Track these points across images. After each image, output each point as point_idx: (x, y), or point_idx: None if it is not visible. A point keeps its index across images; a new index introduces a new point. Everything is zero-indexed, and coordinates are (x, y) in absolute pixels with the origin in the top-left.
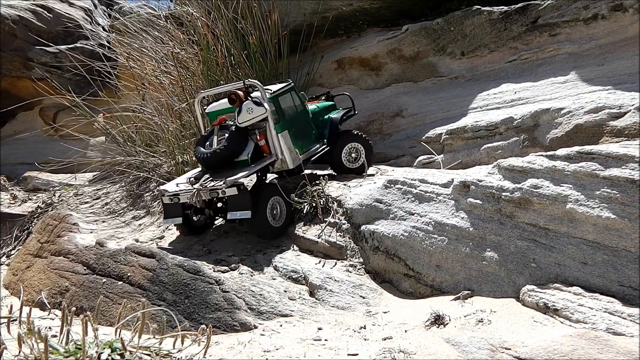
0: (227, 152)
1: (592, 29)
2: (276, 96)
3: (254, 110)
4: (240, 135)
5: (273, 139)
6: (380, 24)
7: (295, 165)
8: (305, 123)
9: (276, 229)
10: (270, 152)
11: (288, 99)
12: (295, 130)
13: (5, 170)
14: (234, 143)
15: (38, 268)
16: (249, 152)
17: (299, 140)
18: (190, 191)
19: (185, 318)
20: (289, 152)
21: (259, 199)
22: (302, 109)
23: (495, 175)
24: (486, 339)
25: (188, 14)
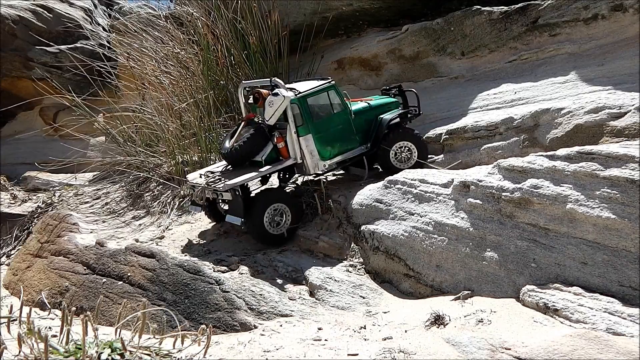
0: (243, 151)
1: (592, 29)
2: (304, 97)
3: (274, 103)
4: (260, 135)
5: (293, 142)
6: (380, 24)
7: (316, 171)
8: (342, 125)
9: (275, 236)
10: (289, 156)
11: (322, 99)
12: (325, 133)
13: (5, 170)
14: (251, 142)
15: (38, 268)
16: (264, 154)
17: (329, 144)
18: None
19: (185, 318)
20: (310, 156)
21: (256, 205)
22: (341, 110)
23: (495, 175)
24: (486, 339)
25: (188, 14)
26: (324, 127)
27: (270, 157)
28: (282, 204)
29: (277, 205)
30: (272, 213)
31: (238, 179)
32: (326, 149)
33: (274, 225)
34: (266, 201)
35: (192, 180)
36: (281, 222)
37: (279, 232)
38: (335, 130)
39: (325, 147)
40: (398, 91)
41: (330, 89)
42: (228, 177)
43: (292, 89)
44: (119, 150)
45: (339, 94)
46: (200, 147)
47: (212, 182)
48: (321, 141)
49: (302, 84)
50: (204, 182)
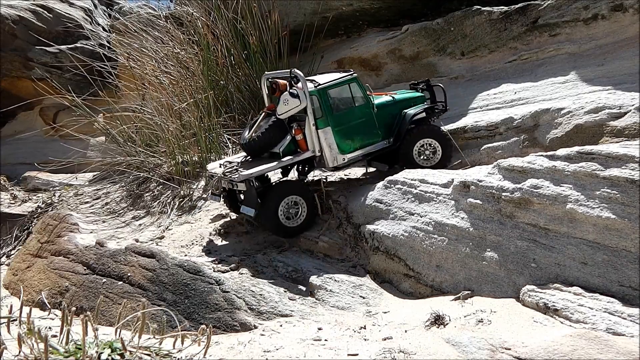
0: (261, 142)
1: (592, 29)
2: (324, 89)
3: (289, 102)
4: (278, 126)
5: (312, 135)
6: (380, 24)
7: (335, 164)
8: (364, 118)
9: (290, 228)
10: (307, 148)
11: (344, 92)
12: (346, 126)
13: (5, 170)
14: (269, 134)
15: (38, 268)
16: (282, 146)
17: (349, 138)
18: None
19: (185, 318)
20: (329, 150)
21: (270, 196)
22: (363, 103)
23: (495, 175)
24: (486, 339)
25: (188, 14)
26: (344, 120)
27: (289, 148)
28: (298, 197)
29: (292, 197)
30: (288, 205)
31: (253, 170)
32: (346, 143)
33: (289, 218)
34: (281, 193)
35: (212, 170)
36: (297, 214)
37: (294, 225)
38: (356, 124)
39: (345, 140)
40: (426, 86)
41: (352, 81)
42: (245, 168)
43: (312, 81)
44: (119, 150)
45: (361, 87)
46: (200, 147)
47: (228, 172)
48: (341, 134)
49: (323, 76)
50: (220, 172)
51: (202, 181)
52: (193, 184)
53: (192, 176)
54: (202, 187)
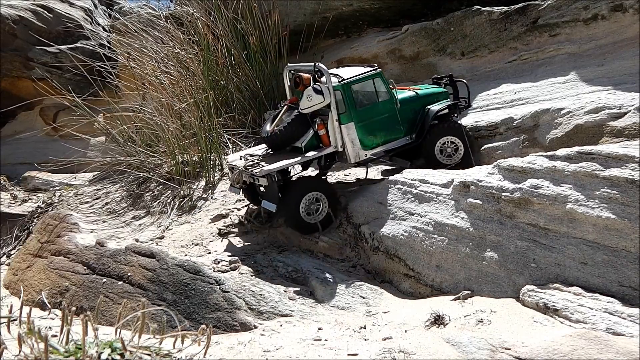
0: (284, 136)
1: (592, 29)
2: (348, 84)
3: (312, 98)
4: (301, 120)
5: (335, 130)
6: (380, 24)
7: (357, 160)
8: (387, 114)
9: (311, 224)
10: (329, 143)
11: (367, 87)
12: (369, 122)
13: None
14: (291, 128)
15: (38, 268)
16: (304, 140)
17: (372, 134)
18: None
19: (186, 318)
20: (351, 145)
21: (292, 192)
22: (386, 98)
23: (495, 175)
24: (486, 339)
25: (188, 14)
26: (367, 116)
27: (311, 143)
28: (320, 193)
29: (314, 193)
30: (309, 201)
31: (274, 165)
32: (368, 138)
33: (309, 214)
34: (303, 189)
35: (232, 162)
36: (317, 210)
37: (314, 221)
38: (379, 119)
39: (367, 136)
40: (449, 81)
41: (376, 76)
42: (266, 162)
43: (336, 75)
44: (119, 150)
45: (385, 82)
46: (200, 147)
47: (250, 166)
48: (364, 130)
49: (347, 70)
50: (242, 165)
51: (202, 181)
52: (193, 184)
53: (192, 176)
54: (202, 187)
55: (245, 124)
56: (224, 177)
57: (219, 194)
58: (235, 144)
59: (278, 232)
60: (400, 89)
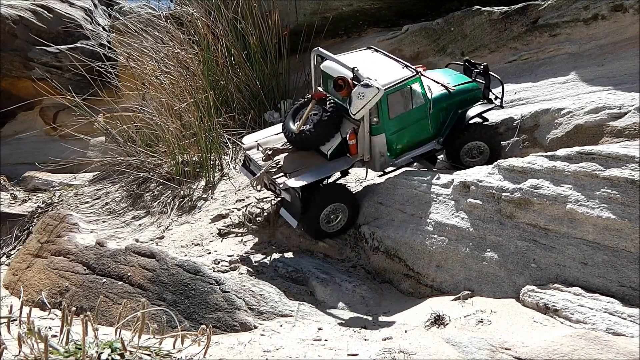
0: (312, 138)
1: (592, 29)
2: (385, 94)
3: (365, 94)
4: (332, 122)
5: (365, 141)
6: (380, 24)
7: (382, 169)
8: (419, 119)
9: (329, 233)
10: (357, 153)
11: (405, 92)
12: (400, 131)
13: (5, 170)
14: (321, 129)
15: (38, 268)
16: (331, 147)
17: (401, 141)
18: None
19: (185, 318)
20: (379, 156)
21: (315, 203)
22: (420, 103)
23: (496, 175)
24: (486, 339)
25: (188, 14)
26: (399, 125)
27: (336, 150)
28: (342, 204)
29: (336, 205)
30: (329, 212)
31: (298, 183)
32: (396, 147)
33: (330, 222)
34: (326, 200)
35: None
36: (337, 219)
37: (332, 231)
38: (411, 127)
39: (396, 145)
40: (482, 71)
41: (415, 82)
42: (288, 167)
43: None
44: (119, 150)
45: (422, 86)
46: (200, 147)
47: (272, 171)
48: (393, 139)
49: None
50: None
51: (202, 181)
52: (193, 184)
53: (192, 176)
54: (202, 187)
55: (245, 124)
56: (223, 177)
57: (219, 194)
58: (235, 144)
59: (278, 232)
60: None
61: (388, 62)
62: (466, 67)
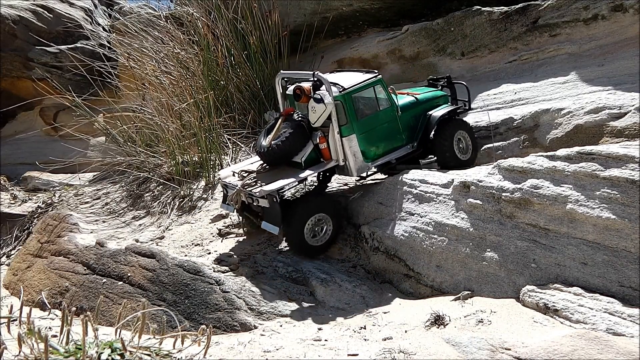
0: (281, 151)
1: (592, 29)
2: (349, 93)
3: (316, 109)
4: (300, 133)
5: (336, 143)
6: (380, 24)
7: (360, 174)
8: (389, 122)
9: (315, 247)
10: (330, 157)
11: (368, 95)
12: (370, 132)
13: (6, 170)
14: (289, 141)
15: (38, 268)
16: (304, 155)
17: (374, 145)
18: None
19: (186, 318)
20: (353, 159)
21: (297, 213)
22: (387, 106)
23: (496, 175)
24: (486, 339)
25: (188, 14)
26: (368, 126)
27: (310, 157)
28: (325, 214)
29: (319, 215)
30: (314, 223)
31: (275, 185)
32: (370, 150)
33: (315, 236)
34: (308, 211)
35: (225, 178)
36: (322, 232)
37: (318, 244)
38: (380, 129)
39: (369, 147)
40: (447, 82)
41: (377, 83)
42: (264, 180)
43: (335, 84)
44: (119, 150)
45: (385, 89)
46: (200, 148)
47: (248, 185)
48: (365, 141)
49: (345, 75)
50: (238, 183)
51: (202, 181)
52: (193, 184)
53: (192, 176)
54: (202, 187)
55: (245, 124)
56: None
57: (219, 194)
58: (235, 144)
59: None
60: (399, 93)
61: (350, 73)
62: (431, 84)
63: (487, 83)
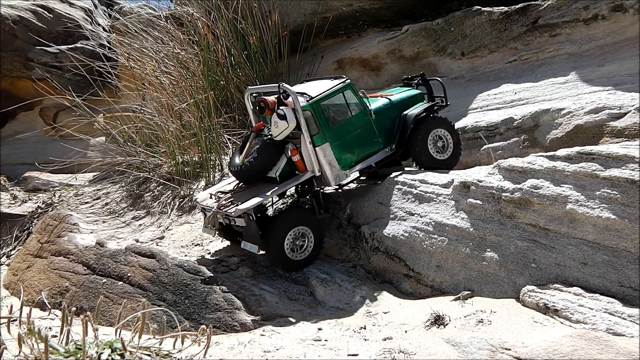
0: (254, 167)
1: (592, 29)
2: (317, 102)
3: (278, 125)
4: (271, 147)
5: (310, 154)
6: (380, 24)
7: (338, 182)
8: (363, 127)
9: (296, 262)
10: (305, 169)
11: (338, 101)
12: (344, 139)
13: (6, 170)
14: (262, 157)
15: (38, 268)
16: (278, 169)
17: (349, 151)
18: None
19: (186, 318)
20: (329, 167)
21: (274, 229)
22: (359, 110)
23: (496, 175)
24: (486, 339)
25: (188, 14)
26: (342, 133)
27: (285, 171)
28: (304, 227)
29: (298, 228)
30: (294, 237)
31: (250, 203)
32: (346, 157)
33: (295, 250)
34: (286, 225)
35: (202, 202)
36: (303, 245)
37: (300, 258)
38: (354, 135)
39: (345, 154)
40: (421, 80)
41: (346, 88)
42: (240, 199)
43: (303, 94)
44: (119, 150)
45: (356, 93)
46: (201, 148)
47: (223, 206)
48: (340, 148)
49: (314, 84)
50: (214, 205)
51: (203, 181)
52: (193, 184)
53: (192, 176)
54: (202, 187)
55: (245, 124)
56: (223, 177)
57: None
58: (236, 144)
59: None
60: (371, 97)
61: (319, 81)
62: (406, 84)
63: (487, 83)
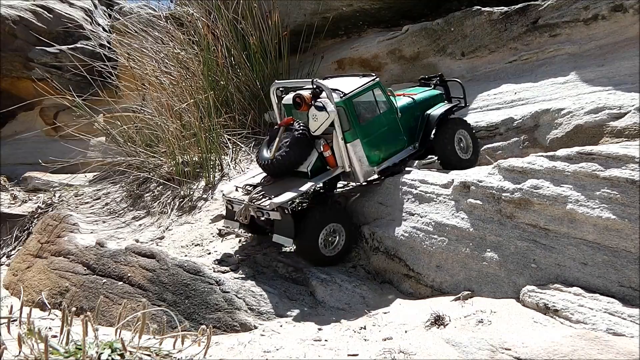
0: (286, 162)
1: (592, 29)
2: (350, 98)
3: (318, 117)
4: (303, 142)
5: (340, 150)
6: (380, 24)
7: (367, 179)
8: (390, 126)
9: (329, 257)
10: (336, 164)
11: (368, 99)
12: (373, 136)
13: (6, 170)
14: (293, 151)
15: (38, 268)
16: (309, 164)
17: (377, 148)
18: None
19: (186, 318)
20: (359, 164)
21: (310, 224)
22: (387, 108)
23: (496, 175)
24: (486, 339)
25: (188, 14)
26: (371, 130)
27: (316, 166)
28: (338, 224)
29: (333, 225)
30: (327, 233)
31: (285, 197)
32: (374, 154)
33: (327, 246)
34: (322, 221)
35: (229, 194)
36: (335, 241)
37: (331, 254)
38: (382, 132)
39: (373, 151)
40: (439, 81)
41: (375, 86)
42: (271, 192)
43: (336, 90)
44: (119, 150)
45: (384, 91)
46: (201, 148)
47: (255, 199)
48: (369, 145)
49: (342, 80)
50: (245, 197)
51: (202, 181)
52: (193, 184)
53: (192, 176)
54: (202, 187)
55: (245, 124)
56: (223, 177)
57: (219, 194)
58: (236, 144)
59: None
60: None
61: (348, 77)
62: (423, 84)
63: (487, 83)
